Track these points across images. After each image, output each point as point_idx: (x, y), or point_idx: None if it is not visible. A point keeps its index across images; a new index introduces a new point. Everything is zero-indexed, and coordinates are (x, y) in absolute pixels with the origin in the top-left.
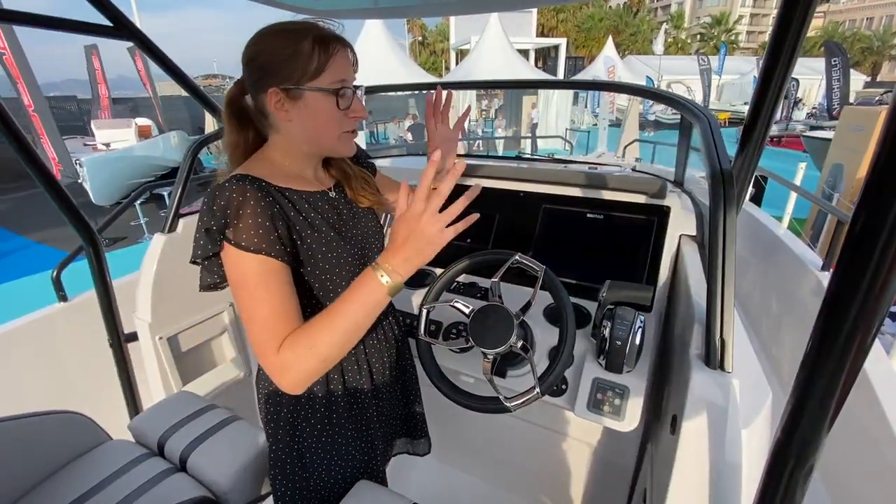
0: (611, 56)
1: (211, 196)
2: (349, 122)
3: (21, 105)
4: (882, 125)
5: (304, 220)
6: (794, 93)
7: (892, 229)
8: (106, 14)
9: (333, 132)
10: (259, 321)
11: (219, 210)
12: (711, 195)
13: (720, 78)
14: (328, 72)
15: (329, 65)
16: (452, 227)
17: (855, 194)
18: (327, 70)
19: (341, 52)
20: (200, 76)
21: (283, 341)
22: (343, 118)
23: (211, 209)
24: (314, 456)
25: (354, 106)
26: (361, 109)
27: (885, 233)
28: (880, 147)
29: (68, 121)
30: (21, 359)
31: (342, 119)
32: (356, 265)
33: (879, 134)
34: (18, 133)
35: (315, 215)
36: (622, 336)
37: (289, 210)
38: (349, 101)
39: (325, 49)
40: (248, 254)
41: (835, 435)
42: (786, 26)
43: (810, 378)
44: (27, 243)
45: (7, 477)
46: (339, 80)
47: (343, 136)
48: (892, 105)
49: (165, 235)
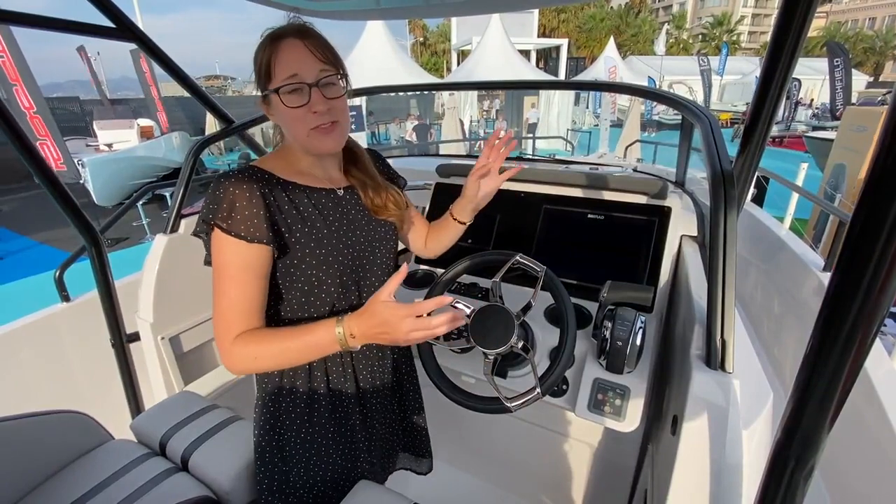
0: (612, 56)
1: (214, 183)
2: (312, 118)
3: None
4: (881, 125)
5: (297, 214)
6: (796, 93)
7: (891, 229)
8: (108, 15)
9: (300, 130)
10: (224, 309)
11: (213, 195)
12: (712, 196)
13: (722, 78)
14: (277, 70)
15: (275, 63)
16: (423, 334)
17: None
18: (276, 69)
19: (286, 45)
20: (202, 77)
21: (239, 333)
22: (305, 115)
23: (211, 194)
24: (293, 451)
25: (313, 100)
26: (319, 102)
27: (884, 233)
28: (879, 147)
29: (71, 122)
30: (24, 358)
31: (304, 116)
32: (347, 265)
33: (879, 134)
34: (21, 134)
35: (312, 210)
36: (623, 337)
37: (284, 203)
38: (302, 98)
39: (269, 47)
40: (228, 238)
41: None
42: (786, 27)
43: (811, 378)
44: (30, 244)
45: (10, 476)
46: (290, 76)
47: (312, 133)
48: (891, 105)
49: (167, 236)
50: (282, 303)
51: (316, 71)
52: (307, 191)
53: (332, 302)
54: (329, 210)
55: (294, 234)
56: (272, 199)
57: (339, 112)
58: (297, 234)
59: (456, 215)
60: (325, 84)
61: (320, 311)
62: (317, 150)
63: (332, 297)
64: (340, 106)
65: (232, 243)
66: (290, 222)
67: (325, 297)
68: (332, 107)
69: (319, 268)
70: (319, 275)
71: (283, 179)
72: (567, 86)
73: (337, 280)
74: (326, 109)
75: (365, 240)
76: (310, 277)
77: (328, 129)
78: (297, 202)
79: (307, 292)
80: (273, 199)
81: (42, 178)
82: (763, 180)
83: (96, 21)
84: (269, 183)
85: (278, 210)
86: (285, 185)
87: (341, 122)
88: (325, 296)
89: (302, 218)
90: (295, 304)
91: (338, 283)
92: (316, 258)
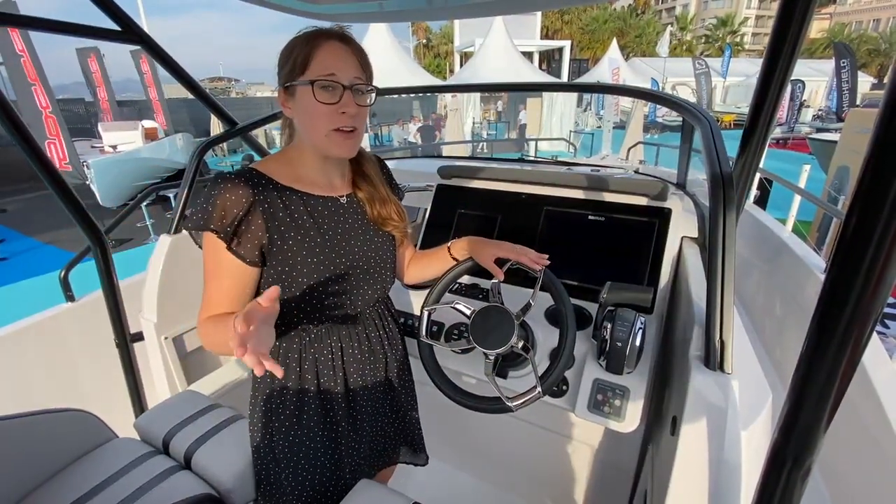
0: (615, 58)
1: (212, 183)
2: (338, 119)
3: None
4: (874, 126)
5: (291, 221)
6: (799, 95)
7: (884, 228)
8: (114, 18)
9: (321, 128)
10: (207, 296)
11: (209, 196)
12: (711, 198)
13: (725, 80)
14: (313, 65)
15: (315, 57)
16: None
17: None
18: (312, 63)
19: (327, 44)
20: (206, 79)
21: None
22: (331, 114)
23: (207, 193)
24: (283, 453)
25: (344, 101)
26: (349, 105)
27: (878, 231)
28: (872, 147)
29: (76, 123)
30: (30, 357)
31: (330, 115)
32: (341, 273)
33: (871, 133)
34: (28, 135)
35: (307, 218)
36: (622, 337)
37: (279, 209)
38: (334, 96)
39: (311, 43)
40: (218, 243)
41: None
42: (785, 28)
43: (807, 377)
44: (35, 244)
45: (16, 473)
46: (327, 74)
47: (332, 134)
48: (882, 106)
49: (171, 237)
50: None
51: (352, 76)
52: (304, 197)
53: (323, 309)
54: (325, 218)
55: (286, 242)
56: (266, 206)
57: (360, 120)
58: (290, 241)
59: (454, 254)
60: (356, 91)
61: (311, 319)
62: (331, 152)
63: (324, 304)
64: (364, 115)
65: (220, 248)
66: (283, 229)
67: (317, 304)
68: (358, 112)
69: (311, 276)
70: (311, 283)
71: (280, 184)
72: (568, 88)
73: (329, 288)
74: (354, 113)
75: (361, 249)
76: (301, 285)
77: (348, 135)
78: (292, 209)
79: (299, 298)
80: (267, 206)
81: (48, 180)
82: (766, 182)
83: (104, 25)
84: (265, 188)
85: (272, 217)
86: (282, 190)
87: (359, 131)
88: (317, 303)
89: (296, 225)
90: (288, 309)
91: (330, 290)
92: (308, 266)
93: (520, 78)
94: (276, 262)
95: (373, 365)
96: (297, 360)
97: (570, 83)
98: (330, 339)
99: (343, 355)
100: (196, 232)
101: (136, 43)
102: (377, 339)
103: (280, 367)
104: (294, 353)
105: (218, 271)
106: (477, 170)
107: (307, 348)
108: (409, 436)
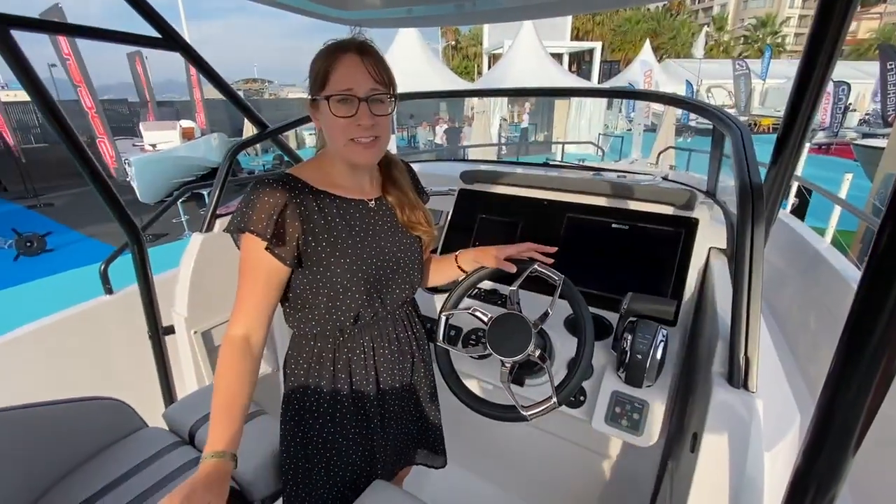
0: (648, 60)
1: (251, 187)
2: (355, 130)
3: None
4: None
5: (325, 224)
6: (844, 98)
7: None
8: (155, 26)
9: (340, 138)
10: (239, 300)
11: (249, 200)
12: (739, 209)
13: (764, 82)
14: (331, 80)
15: (332, 73)
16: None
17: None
18: (331, 78)
19: (346, 59)
20: (240, 80)
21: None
22: (348, 126)
23: (246, 197)
24: (315, 451)
25: (360, 113)
26: (365, 117)
27: None
28: None
29: (120, 122)
30: (69, 347)
31: (347, 127)
32: (371, 275)
33: None
34: (73, 134)
35: (339, 221)
36: (643, 350)
37: (314, 212)
38: (350, 109)
39: (329, 57)
40: (258, 244)
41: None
42: (824, 28)
43: (833, 400)
44: (79, 237)
45: (50, 458)
46: (345, 89)
47: (350, 143)
48: None
49: (203, 235)
50: (309, 308)
51: (368, 88)
52: (337, 201)
53: (356, 309)
54: (356, 221)
55: (321, 244)
56: (302, 208)
57: (381, 129)
58: (324, 243)
59: (461, 263)
60: (374, 101)
61: (345, 318)
62: (352, 160)
63: (357, 304)
64: (384, 123)
65: (259, 248)
66: (317, 231)
67: (350, 303)
68: (376, 122)
69: (344, 276)
70: (344, 283)
71: (314, 188)
72: (594, 93)
73: (362, 288)
74: (371, 125)
75: (390, 251)
76: (335, 285)
77: (369, 144)
78: (325, 211)
79: (332, 298)
80: (304, 209)
81: (90, 177)
82: (805, 192)
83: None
84: (300, 192)
85: (307, 220)
86: (317, 194)
87: (382, 139)
88: (351, 302)
89: (329, 228)
90: (323, 309)
91: (362, 290)
92: (340, 266)
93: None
94: (311, 262)
95: (402, 365)
96: (332, 360)
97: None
98: (362, 338)
99: (374, 355)
100: (236, 234)
101: (175, 50)
102: (406, 339)
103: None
104: (328, 353)
105: (254, 273)
106: (499, 175)
107: (340, 348)
108: (430, 437)
